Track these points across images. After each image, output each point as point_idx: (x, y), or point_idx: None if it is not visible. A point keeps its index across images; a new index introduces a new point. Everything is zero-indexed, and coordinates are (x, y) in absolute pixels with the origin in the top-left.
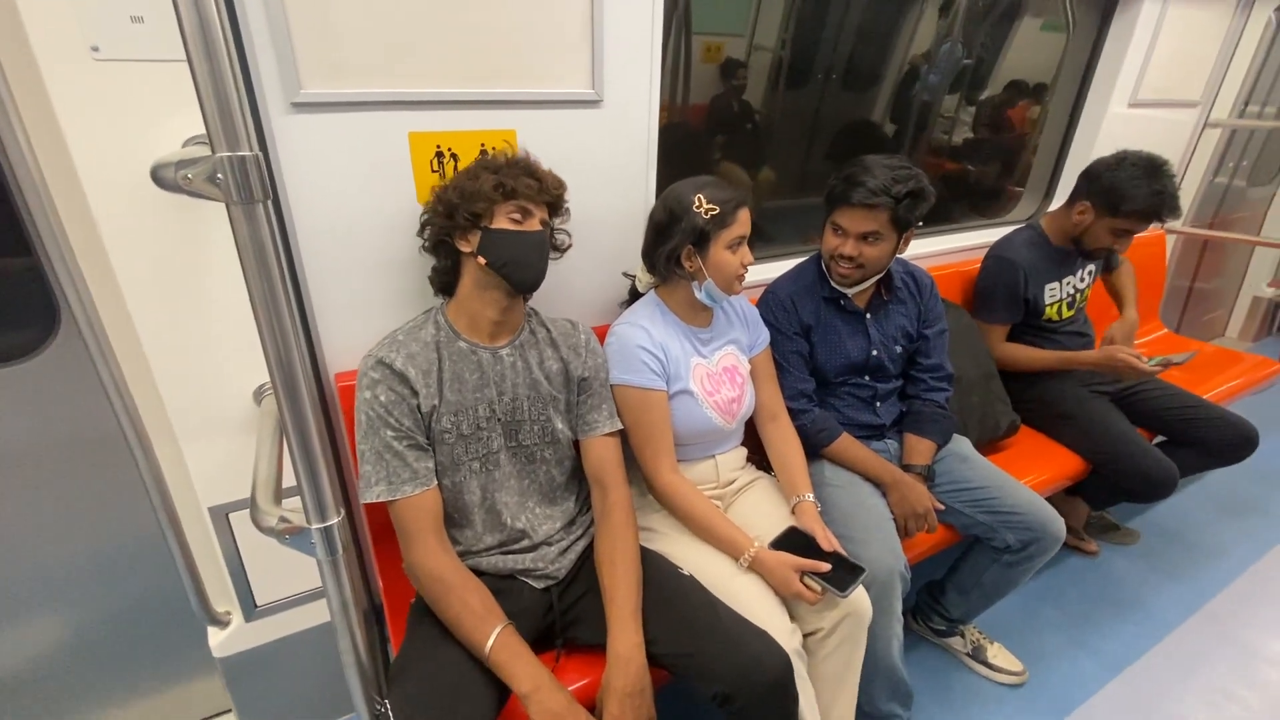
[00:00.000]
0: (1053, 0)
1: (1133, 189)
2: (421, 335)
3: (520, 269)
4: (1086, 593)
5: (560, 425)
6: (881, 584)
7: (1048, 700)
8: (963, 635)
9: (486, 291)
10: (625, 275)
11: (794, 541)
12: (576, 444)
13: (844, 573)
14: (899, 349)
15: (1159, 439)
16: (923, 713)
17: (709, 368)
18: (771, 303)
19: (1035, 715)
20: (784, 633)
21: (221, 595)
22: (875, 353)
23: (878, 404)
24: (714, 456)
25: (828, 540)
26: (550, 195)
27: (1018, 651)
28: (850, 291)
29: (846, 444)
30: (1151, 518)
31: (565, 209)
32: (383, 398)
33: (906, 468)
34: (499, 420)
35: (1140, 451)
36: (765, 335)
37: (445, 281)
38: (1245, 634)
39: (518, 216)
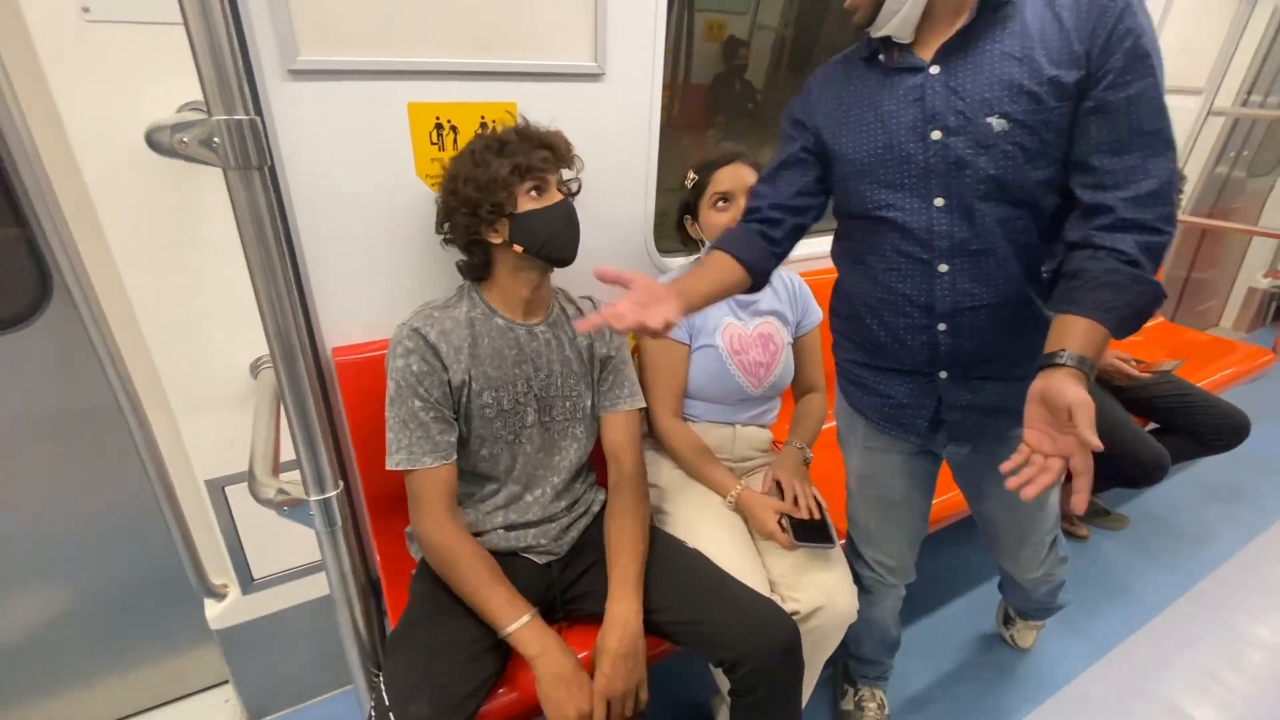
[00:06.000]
0: None
1: None
2: (455, 313)
3: (559, 246)
4: (1076, 576)
5: (589, 402)
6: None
7: (1036, 680)
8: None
9: (522, 273)
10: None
11: (801, 523)
12: (598, 423)
13: (815, 531)
14: (999, 122)
15: (1152, 426)
16: (915, 674)
17: (742, 330)
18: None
19: (1024, 694)
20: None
21: (219, 568)
22: (937, 135)
23: (938, 262)
24: (734, 425)
25: (805, 496)
26: (567, 159)
27: None
28: (899, 35)
29: (697, 281)
30: (1141, 503)
31: (576, 159)
32: (415, 367)
33: (1052, 357)
34: (535, 395)
35: (1133, 437)
36: (816, 316)
37: (478, 273)
38: (1231, 617)
39: (536, 193)
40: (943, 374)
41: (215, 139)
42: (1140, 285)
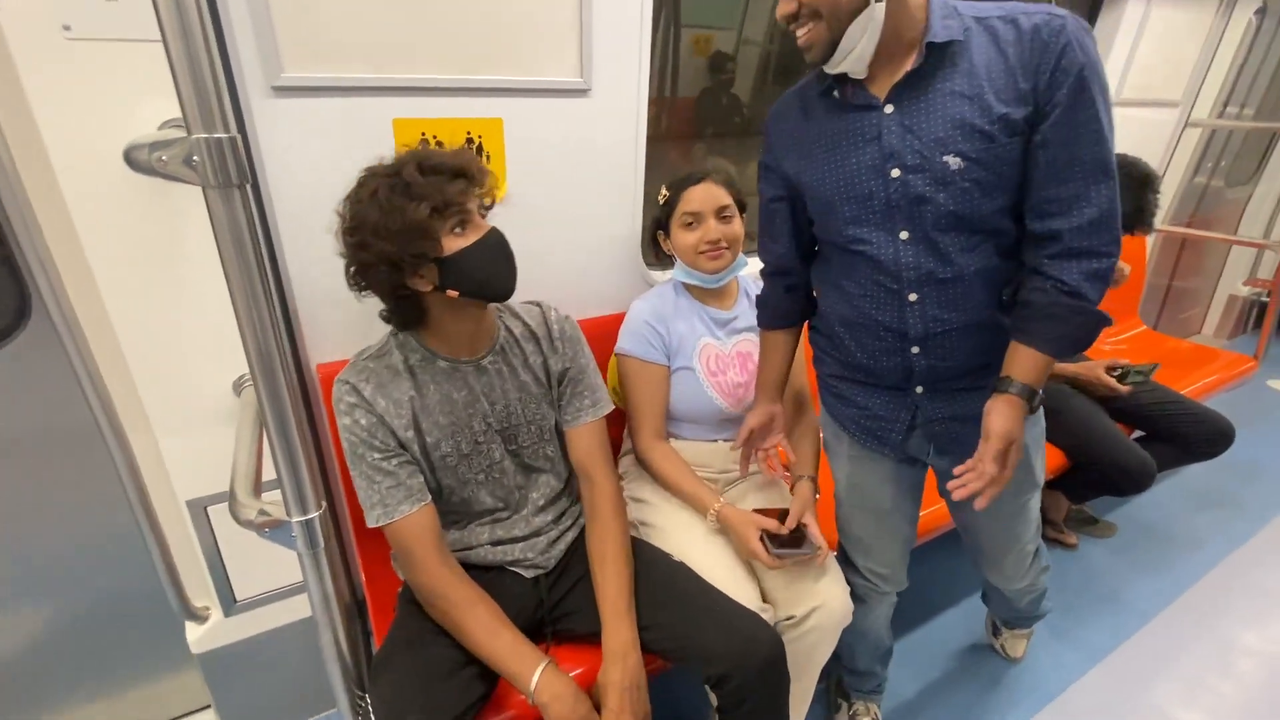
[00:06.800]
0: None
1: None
2: (391, 361)
3: (495, 282)
4: (1066, 584)
5: (555, 418)
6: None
7: (1028, 690)
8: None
9: (460, 313)
10: None
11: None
12: None
13: (796, 542)
14: (954, 161)
15: (1137, 434)
16: (907, 686)
17: (720, 349)
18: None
19: (1016, 704)
20: (752, 608)
21: (200, 590)
22: (896, 172)
23: (907, 292)
24: (715, 441)
25: (798, 514)
26: (483, 182)
27: None
28: (854, 72)
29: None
30: (1129, 511)
31: (489, 173)
32: (362, 421)
33: (1001, 383)
34: (496, 430)
35: (1119, 446)
36: None
37: (411, 323)
38: (1220, 625)
39: (460, 229)
40: (918, 389)
41: (195, 157)
42: (1079, 316)
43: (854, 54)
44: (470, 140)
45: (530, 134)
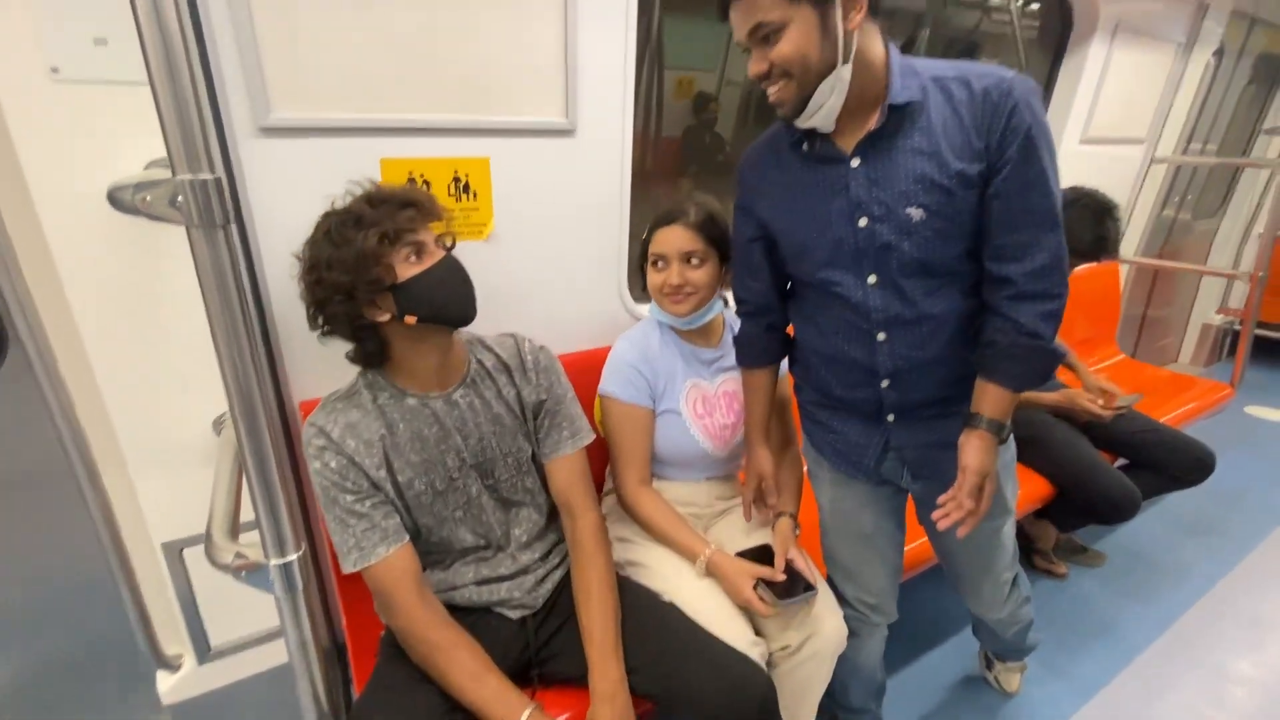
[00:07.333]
0: (1007, 41)
1: (1078, 229)
2: (360, 401)
3: (453, 305)
4: (1057, 616)
5: (531, 451)
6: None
7: None
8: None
9: (423, 343)
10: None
11: (764, 557)
12: None
13: (793, 587)
14: (917, 213)
15: (1120, 462)
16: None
17: (706, 390)
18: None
19: None
20: (745, 645)
21: (173, 637)
22: (864, 221)
23: (876, 331)
24: (702, 480)
25: (783, 553)
26: (434, 212)
27: None
28: (823, 126)
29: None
30: (1117, 539)
31: (445, 211)
32: (332, 464)
33: (972, 419)
34: (470, 466)
35: (1103, 474)
36: (783, 366)
37: (375, 359)
38: (1212, 655)
39: (415, 256)
40: (890, 417)
41: (179, 197)
42: (1036, 355)
43: (823, 111)
44: (458, 179)
45: (517, 173)
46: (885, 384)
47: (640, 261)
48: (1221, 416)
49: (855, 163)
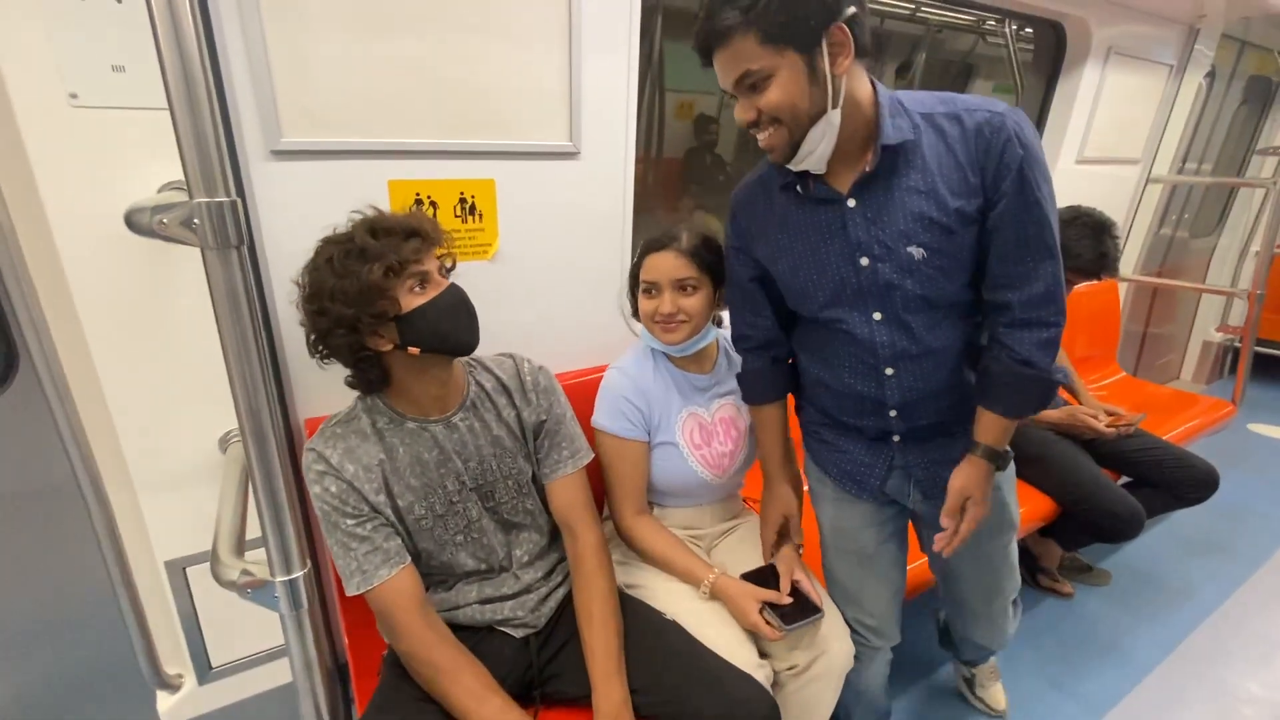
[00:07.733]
0: (1002, 65)
1: (1079, 247)
2: (359, 426)
3: (455, 336)
4: (1063, 635)
5: (532, 472)
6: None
7: None
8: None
9: (425, 372)
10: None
11: (768, 577)
12: None
13: (799, 610)
14: (918, 251)
15: (1124, 480)
16: None
17: (703, 418)
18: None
19: None
20: (750, 666)
21: (174, 656)
22: (865, 261)
23: (884, 367)
24: (704, 505)
25: (788, 576)
26: (437, 239)
27: None
28: (817, 170)
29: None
30: (1122, 558)
31: (446, 235)
32: (332, 489)
33: (967, 445)
34: (471, 489)
35: (1107, 492)
36: None
37: (375, 386)
38: (1220, 674)
39: (420, 287)
40: (896, 439)
41: (195, 220)
42: (1032, 383)
43: (815, 155)
44: (464, 200)
45: (522, 194)
46: (893, 414)
47: (631, 285)
48: (1224, 434)
49: (851, 203)
